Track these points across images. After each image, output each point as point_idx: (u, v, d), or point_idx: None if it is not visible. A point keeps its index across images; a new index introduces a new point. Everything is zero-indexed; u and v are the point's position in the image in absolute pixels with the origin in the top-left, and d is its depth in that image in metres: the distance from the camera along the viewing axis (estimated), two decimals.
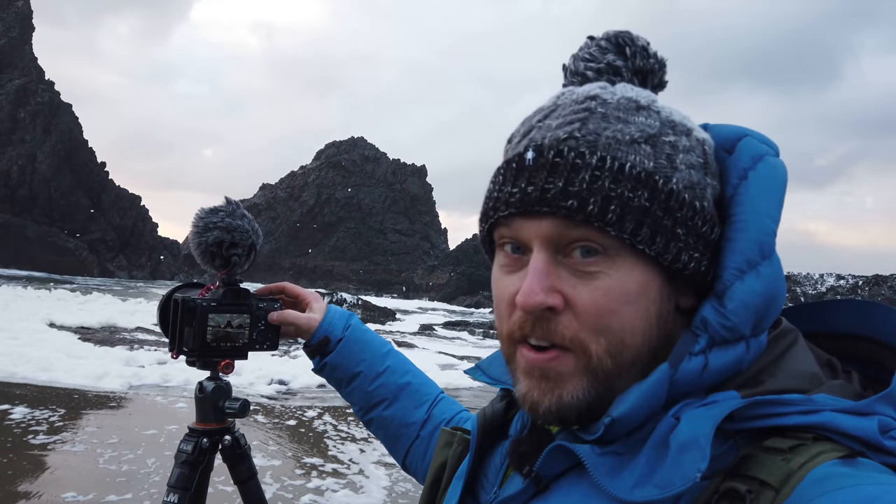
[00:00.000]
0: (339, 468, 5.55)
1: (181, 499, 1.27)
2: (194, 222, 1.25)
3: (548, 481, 0.59)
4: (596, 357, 0.56)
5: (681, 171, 0.57)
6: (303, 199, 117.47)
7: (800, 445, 0.50)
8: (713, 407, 0.53)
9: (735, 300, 0.56)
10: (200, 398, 1.33)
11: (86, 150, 72.11)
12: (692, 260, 0.57)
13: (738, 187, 0.59)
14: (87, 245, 64.56)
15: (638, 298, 0.57)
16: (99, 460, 5.15)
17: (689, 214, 0.57)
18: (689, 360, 0.55)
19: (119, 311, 18.00)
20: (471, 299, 59.87)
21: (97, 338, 12.72)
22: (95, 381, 8.40)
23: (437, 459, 0.79)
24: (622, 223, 0.55)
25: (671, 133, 0.58)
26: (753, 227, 0.58)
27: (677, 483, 0.49)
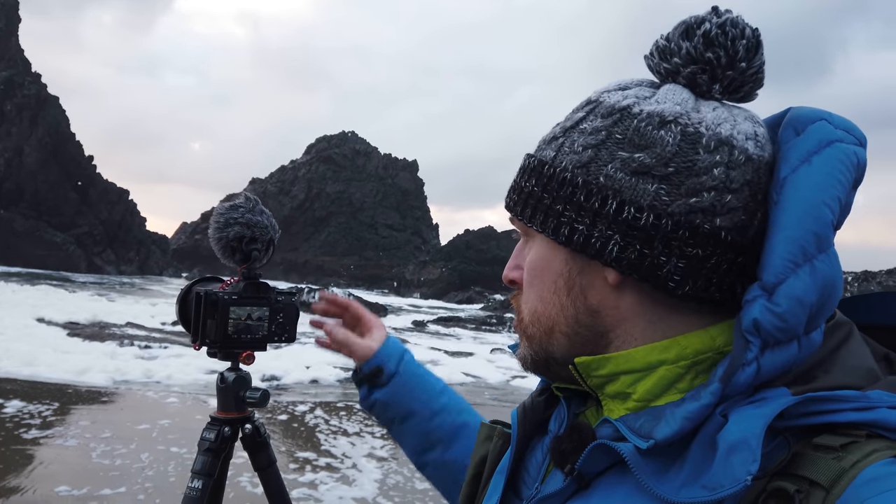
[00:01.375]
0: (332, 462, 5.58)
1: (205, 485, 1.31)
2: (214, 218, 1.28)
3: (589, 479, 0.59)
4: (527, 322, 0.67)
5: (574, 154, 0.60)
6: (293, 194, 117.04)
7: (852, 443, 0.49)
8: (763, 405, 0.51)
9: (790, 297, 0.53)
10: (222, 388, 1.37)
11: (73, 143, 71.43)
12: (575, 232, 0.59)
13: (798, 169, 0.56)
14: (75, 239, 64.01)
15: (543, 272, 0.64)
16: (92, 455, 5.16)
17: (568, 191, 0.60)
18: (742, 371, 0.53)
19: (108, 307, 17.89)
20: (462, 295, 59.98)
21: (86, 333, 12.66)
22: (78, 375, 8.36)
23: (477, 453, 0.80)
24: (516, 207, 0.66)
25: (589, 120, 0.61)
26: (809, 216, 0.54)
27: (726, 485, 0.48)
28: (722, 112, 0.59)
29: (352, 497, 4.78)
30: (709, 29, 0.59)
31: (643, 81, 0.63)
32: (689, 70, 0.60)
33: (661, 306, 0.59)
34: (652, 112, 0.58)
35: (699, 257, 0.56)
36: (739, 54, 0.59)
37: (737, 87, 0.61)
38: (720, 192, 0.56)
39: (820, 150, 0.56)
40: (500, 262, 18.20)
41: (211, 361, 4.55)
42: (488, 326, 27.08)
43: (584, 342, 0.62)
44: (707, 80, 0.60)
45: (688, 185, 0.56)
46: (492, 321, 28.54)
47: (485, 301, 49.52)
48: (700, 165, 0.56)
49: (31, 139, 67.73)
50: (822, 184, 0.54)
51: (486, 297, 52.56)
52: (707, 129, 0.57)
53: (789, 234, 0.54)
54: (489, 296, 52.68)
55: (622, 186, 0.57)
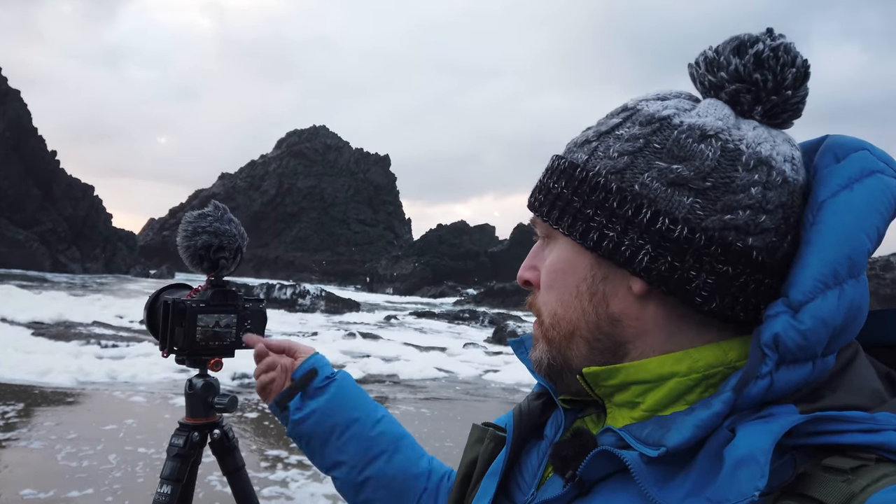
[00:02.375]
0: (303, 459, 5.59)
1: (174, 490, 1.34)
2: (183, 227, 1.31)
3: (590, 486, 0.59)
4: (546, 325, 0.66)
5: (609, 160, 0.59)
6: (263, 189, 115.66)
7: (862, 467, 0.48)
8: (771, 421, 0.51)
9: (815, 317, 0.53)
10: (190, 394, 1.40)
11: (35, 138, 69.54)
12: (605, 238, 0.59)
13: (839, 194, 0.56)
14: (38, 236, 62.39)
15: (566, 276, 0.63)
16: (57, 457, 5.09)
17: (601, 196, 0.59)
18: (755, 384, 0.53)
19: (73, 305, 17.54)
20: (435, 289, 60.03)
21: (51, 332, 12.40)
22: (42, 376, 8.21)
23: (467, 455, 0.79)
24: (542, 207, 0.65)
25: (626, 127, 0.60)
26: (847, 240, 0.54)
27: (732, 499, 0.48)
28: (762, 132, 0.59)
29: (323, 493, 4.80)
30: (761, 50, 0.58)
31: (682, 94, 0.63)
32: (735, 87, 0.59)
33: (683, 321, 0.59)
34: (693, 124, 0.58)
35: (729, 275, 0.56)
36: (787, 81, 0.59)
37: (777, 113, 0.60)
38: (755, 211, 0.56)
39: (862, 178, 0.56)
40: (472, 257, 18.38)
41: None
42: (461, 321, 27.20)
43: (603, 350, 0.62)
44: (750, 101, 0.59)
45: (724, 201, 0.56)
46: (465, 315, 28.67)
47: (458, 295, 49.66)
48: (738, 183, 0.56)
49: None
50: (863, 211, 0.55)
51: (459, 291, 52.70)
52: (747, 147, 0.57)
53: (824, 256, 0.54)
54: (462, 290, 52.84)
55: (657, 196, 0.57)
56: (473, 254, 70.78)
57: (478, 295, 45.59)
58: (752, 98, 0.59)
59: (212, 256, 1.33)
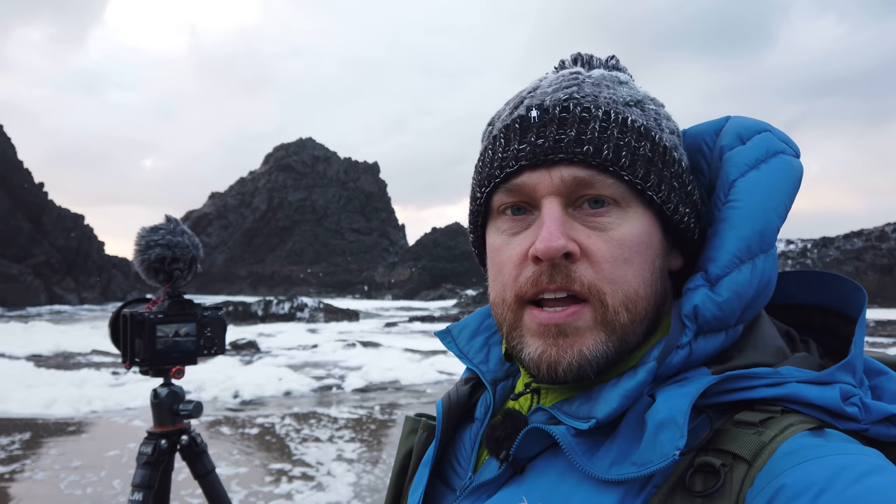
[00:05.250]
0: (307, 471, 5.62)
1: (145, 497, 1.39)
2: (136, 241, 1.35)
3: (524, 464, 0.60)
4: (612, 309, 0.57)
5: (666, 133, 0.61)
6: (254, 205, 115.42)
7: (770, 419, 0.52)
8: (686, 384, 0.54)
9: (730, 290, 0.57)
10: (156, 403, 1.45)
11: (21, 171, 69.32)
12: (685, 215, 0.60)
13: (748, 174, 0.59)
14: (32, 269, 62.16)
15: (647, 249, 0.58)
16: (61, 485, 5.11)
17: (678, 170, 0.60)
18: (676, 353, 0.56)
19: (70, 336, 17.51)
20: (434, 293, 59.97)
21: (51, 364, 12.39)
22: (46, 408, 8.22)
23: (402, 447, 0.78)
24: (634, 168, 0.57)
25: (651, 102, 0.63)
26: (759, 218, 0.58)
27: (655, 461, 0.50)
28: None
29: (326, 502, 4.84)
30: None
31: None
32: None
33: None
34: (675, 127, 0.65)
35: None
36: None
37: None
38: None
39: (767, 159, 0.60)
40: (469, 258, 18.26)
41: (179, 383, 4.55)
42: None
43: (649, 330, 0.60)
44: None
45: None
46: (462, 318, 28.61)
47: (457, 297, 49.62)
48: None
49: None
50: (771, 190, 0.59)
51: (458, 293, 52.66)
52: None
53: (739, 233, 0.58)
54: (461, 292, 52.81)
55: (692, 178, 0.63)
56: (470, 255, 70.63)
57: (477, 296, 45.60)
58: None
59: (167, 268, 1.37)
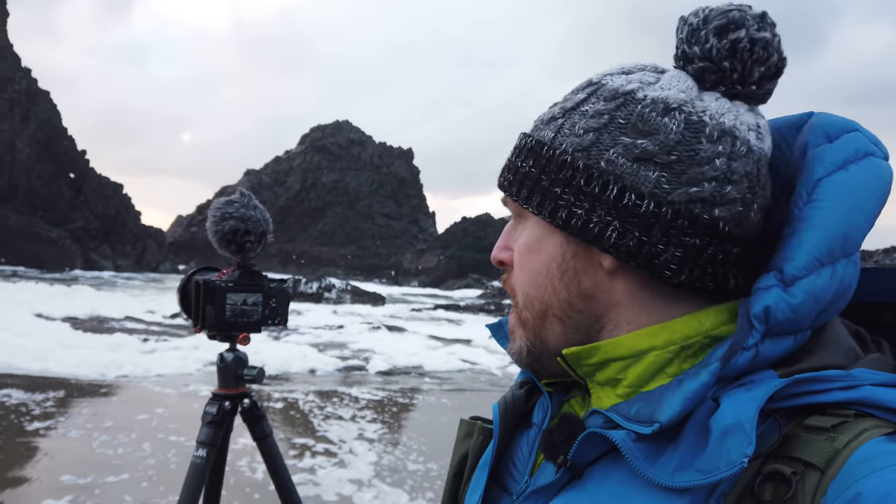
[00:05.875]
0: (330, 447, 5.71)
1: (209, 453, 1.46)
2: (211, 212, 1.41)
3: (582, 468, 0.59)
4: (520, 307, 0.66)
5: (575, 137, 0.59)
6: (288, 185, 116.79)
7: (842, 423, 0.49)
8: (753, 388, 0.52)
9: (807, 292, 0.54)
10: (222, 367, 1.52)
11: (66, 137, 71.15)
12: (574, 216, 0.59)
13: (834, 174, 0.56)
14: (70, 234, 63.94)
15: (536, 255, 0.63)
16: (93, 444, 5.27)
17: (568, 174, 0.59)
18: (741, 355, 0.54)
19: (106, 301, 18.03)
20: (460, 282, 60.13)
21: (85, 327, 12.77)
22: (80, 368, 8.49)
23: (457, 451, 0.78)
24: (511, 187, 0.64)
25: (591, 103, 0.60)
26: (843, 220, 0.55)
27: (721, 468, 0.48)
28: (725, 102, 0.59)
29: (348, 479, 4.91)
30: (740, 38, 0.58)
31: (647, 66, 0.63)
32: (702, 66, 0.59)
33: (655, 293, 0.60)
34: (656, 98, 0.58)
35: (696, 247, 0.56)
36: (753, 78, 0.59)
37: (738, 97, 0.61)
38: (721, 182, 0.56)
39: (857, 160, 0.57)
40: None
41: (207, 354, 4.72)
42: (486, 313, 27.25)
43: (576, 327, 0.62)
44: (713, 81, 0.60)
45: (689, 174, 0.56)
46: (489, 308, 28.72)
47: (483, 288, 49.70)
48: (702, 155, 0.56)
49: (24, 135, 67.43)
50: (859, 192, 0.56)
51: (485, 284, 52.73)
52: (710, 119, 0.57)
53: (821, 234, 0.54)
54: (487, 283, 52.85)
55: (623, 172, 0.57)
56: None
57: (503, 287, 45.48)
58: (715, 79, 0.60)
59: (238, 240, 1.43)
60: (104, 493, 4.28)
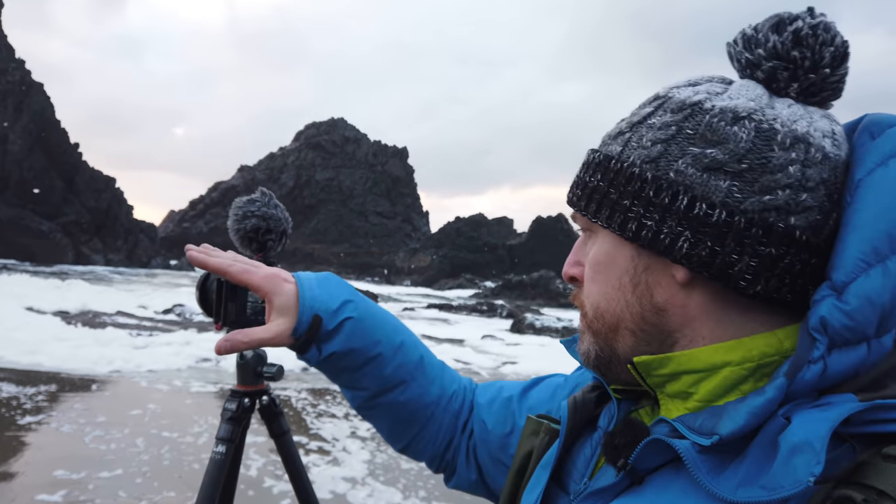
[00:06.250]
0: (323, 445, 5.72)
1: (228, 449, 1.47)
2: (233, 211, 1.42)
3: (642, 475, 0.58)
4: (588, 318, 0.66)
5: (643, 149, 0.60)
6: (282, 181, 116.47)
7: None
8: (828, 409, 0.50)
9: (859, 296, 0.52)
10: (242, 364, 1.53)
11: (58, 130, 70.70)
12: (644, 228, 0.58)
13: (874, 171, 0.55)
14: (62, 228, 63.53)
15: (607, 268, 0.63)
16: (86, 439, 5.26)
17: (637, 186, 0.59)
18: (808, 369, 0.52)
19: (97, 296, 17.94)
20: (453, 282, 60.19)
21: (78, 321, 12.70)
22: (72, 363, 8.46)
23: (522, 448, 0.78)
24: (580, 202, 0.65)
25: (658, 116, 0.61)
26: (884, 216, 0.53)
27: (786, 486, 0.47)
28: (798, 109, 0.58)
29: (342, 477, 4.92)
30: (800, 27, 0.58)
31: (714, 77, 0.63)
32: (771, 65, 0.59)
33: (730, 306, 0.58)
34: (725, 108, 0.57)
35: (772, 256, 0.55)
36: (825, 60, 0.58)
37: (814, 92, 0.59)
38: (795, 190, 0.55)
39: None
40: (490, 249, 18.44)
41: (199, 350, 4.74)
42: (478, 313, 27.29)
43: (649, 340, 0.62)
44: (786, 78, 0.59)
45: (762, 182, 0.55)
46: (482, 308, 28.76)
47: (476, 288, 49.76)
48: (775, 162, 0.55)
49: (16, 126, 66.96)
50: None
51: (477, 284, 52.79)
52: (782, 126, 0.56)
53: (862, 234, 0.53)
54: (480, 283, 52.92)
55: (693, 182, 0.56)
56: (491, 246, 70.80)
57: (496, 288, 45.68)
58: (788, 76, 0.59)
59: (260, 238, 1.45)
60: (98, 488, 4.27)
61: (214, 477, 1.46)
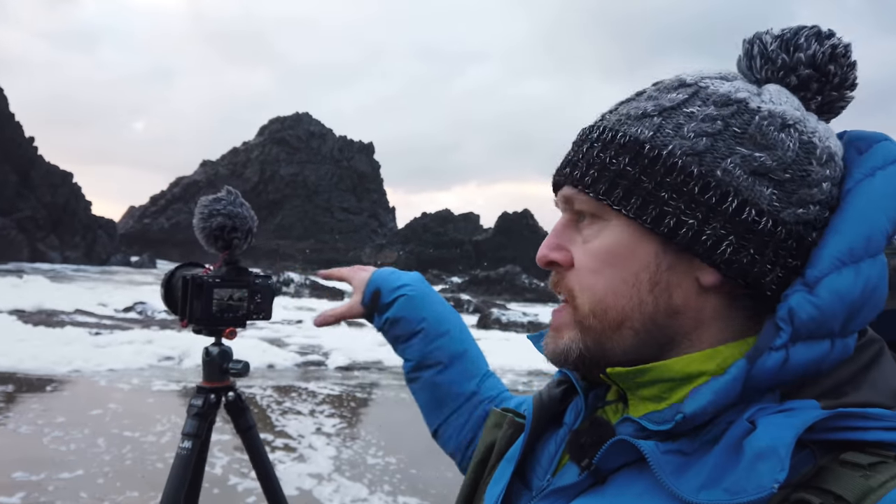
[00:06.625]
0: (289, 442, 5.73)
1: (194, 445, 1.51)
2: (199, 209, 1.45)
3: (605, 474, 0.58)
4: (582, 312, 0.60)
5: (683, 139, 0.56)
6: (246, 176, 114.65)
7: (881, 463, 0.48)
8: (792, 415, 0.50)
9: (830, 291, 0.53)
10: (208, 361, 1.57)
11: (12, 124, 68.35)
12: (683, 225, 0.55)
13: (861, 182, 0.56)
14: (16, 224, 61.50)
15: (624, 261, 0.58)
16: (45, 440, 5.18)
17: (679, 178, 0.55)
18: (769, 356, 0.52)
19: (55, 294, 17.49)
20: None
21: (34, 320, 12.38)
22: (29, 362, 8.27)
23: (485, 439, 0.77)
24: (597, 184, 0.58)
25: (697, 105, 0.57)
26: (865, 221, 0.54)
27: (750, 491, 0.47)
28: (825, 126, 0.59)
29: (308, 473, 4.96)
30: (837, 44, 0.59)
31: (738, 75, 0.62)
32: (808, 73, 0.59)
33: (739, 313, 0.58)
34: (773, 112, 0.56)
35: (797, 270, 0.55)
36: (848, 82, 0.60)
37: (828, 110, 0.60)
38: (823, 206, 0.56)
39: (885, 166, 0.57)
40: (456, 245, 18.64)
41: (161, 348, 4.77)
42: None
43: (651, 343, 0.59)
44: (815, 90, 0.59)
45: (800, 194, 0.55)
46: (449, 303, 28.78)
47: (442, 284, 49.81)
48: (813, 177, 0.55)
49: None
50: (882, 194, 0.55)
51: (444, 279, 52.86)
52: (820, 141, 0.56)
53: (842, 237, 0.54)
54: (447, 278, 53.01)
55: (741, 185, 0.55)
56: (458, 242, 70.96)
57: (462, 283, 45.83)
58: (818, 88, 0.59)
59: (226, 236, 1.48)
60: (58, 489, 4.23)
61: (180, 472, 1.49)
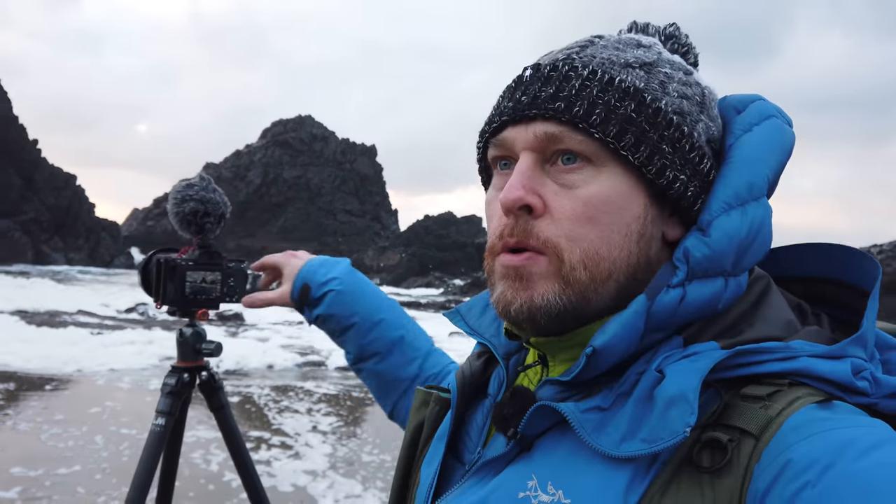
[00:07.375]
0: (285, 440, 5.77)
1: (167, 422, 1.56)
2: (172, 195, 1.50)
3: (531, 440, 0.59)
4: (569, 264, 0.57)
5: (671, 97, 0.59)
6: (248, 179, 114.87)
7: (777, 392, 0.51)
8: (696, 359, 0.53)
9: (719, 230, 0.56)
10: (181, 341, 1.62)
11: (16, 126, 68.63)
12: (678, 181, 0.58)
13: (741, 137, 0.61)
14: (20, 226, 61.71)
15: (619, 210, 0.57)
16: (43, 437, 5.23)
17: (675, 135, 0.58)
18: (667, 292, 0.55)
19: (58, 294, 17.58)
20: (422, 280, 60.11)
21: (37, 321, 12.46)
22: (30, 362, 8.33)
23: (413, 419, 0.77)
24: (606, 126, 0.56)
25: (667, 67, 0.61)
26: (746, 168, 0.59)
27: (665, 438, 0.49)
28: None
29: (303, 470, 5.00)
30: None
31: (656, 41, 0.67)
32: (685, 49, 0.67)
33: None
34: (710, 87, 0.63)
35: None
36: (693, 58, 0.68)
37: None
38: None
39: (760, 121, 0.62)
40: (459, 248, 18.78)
41: (162, 349, 4.81)
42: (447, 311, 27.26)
43: (626, 296, 0.58)
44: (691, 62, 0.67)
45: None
46: (451, 306, 28.82)
47: (445, 286, 49.82)
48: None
49: None
50: (760, 145, 0.60)
51: (446, 282, 52.87)
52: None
53: (728, 183, 0.58)
54: (449, 281, 53.01)
55: (706, 150, 0.60)
56: (460, 245, 70.94)
57: (465, 286, 45.81)
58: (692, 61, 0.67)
59: (198, 221, 1.52)
60: (55, 484, 4.28)
61: (153, 449, 1.54)
